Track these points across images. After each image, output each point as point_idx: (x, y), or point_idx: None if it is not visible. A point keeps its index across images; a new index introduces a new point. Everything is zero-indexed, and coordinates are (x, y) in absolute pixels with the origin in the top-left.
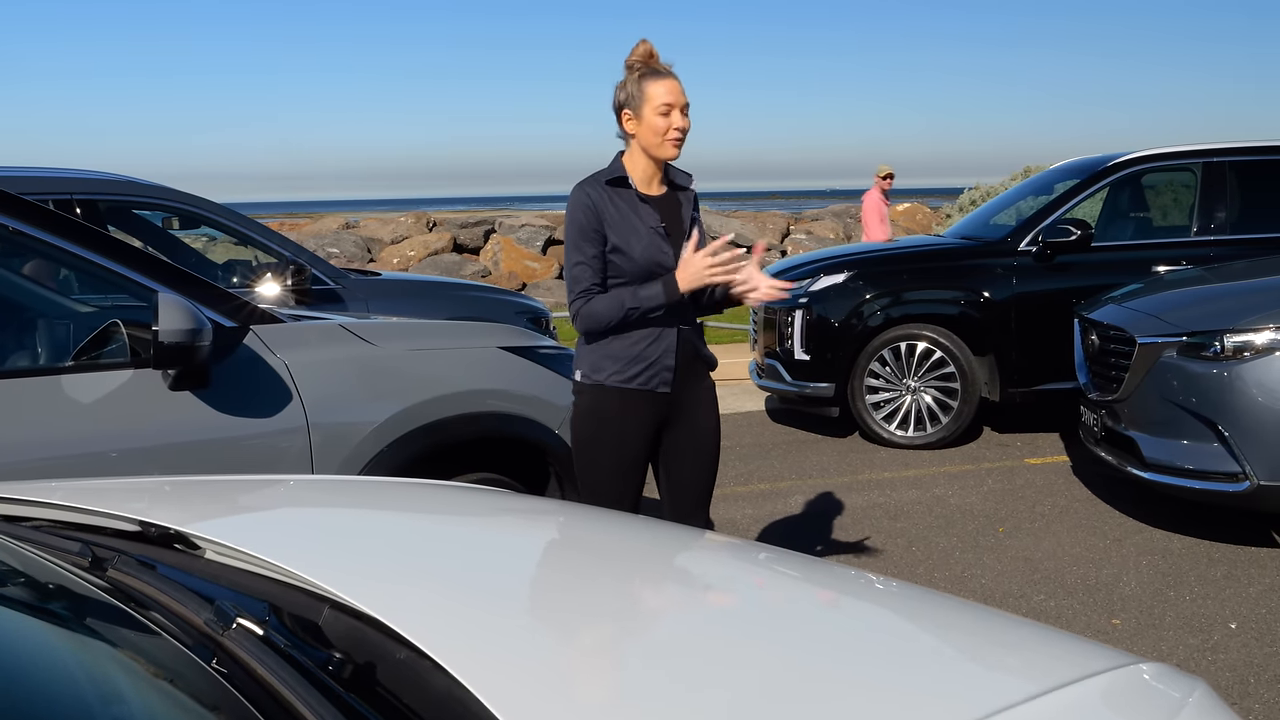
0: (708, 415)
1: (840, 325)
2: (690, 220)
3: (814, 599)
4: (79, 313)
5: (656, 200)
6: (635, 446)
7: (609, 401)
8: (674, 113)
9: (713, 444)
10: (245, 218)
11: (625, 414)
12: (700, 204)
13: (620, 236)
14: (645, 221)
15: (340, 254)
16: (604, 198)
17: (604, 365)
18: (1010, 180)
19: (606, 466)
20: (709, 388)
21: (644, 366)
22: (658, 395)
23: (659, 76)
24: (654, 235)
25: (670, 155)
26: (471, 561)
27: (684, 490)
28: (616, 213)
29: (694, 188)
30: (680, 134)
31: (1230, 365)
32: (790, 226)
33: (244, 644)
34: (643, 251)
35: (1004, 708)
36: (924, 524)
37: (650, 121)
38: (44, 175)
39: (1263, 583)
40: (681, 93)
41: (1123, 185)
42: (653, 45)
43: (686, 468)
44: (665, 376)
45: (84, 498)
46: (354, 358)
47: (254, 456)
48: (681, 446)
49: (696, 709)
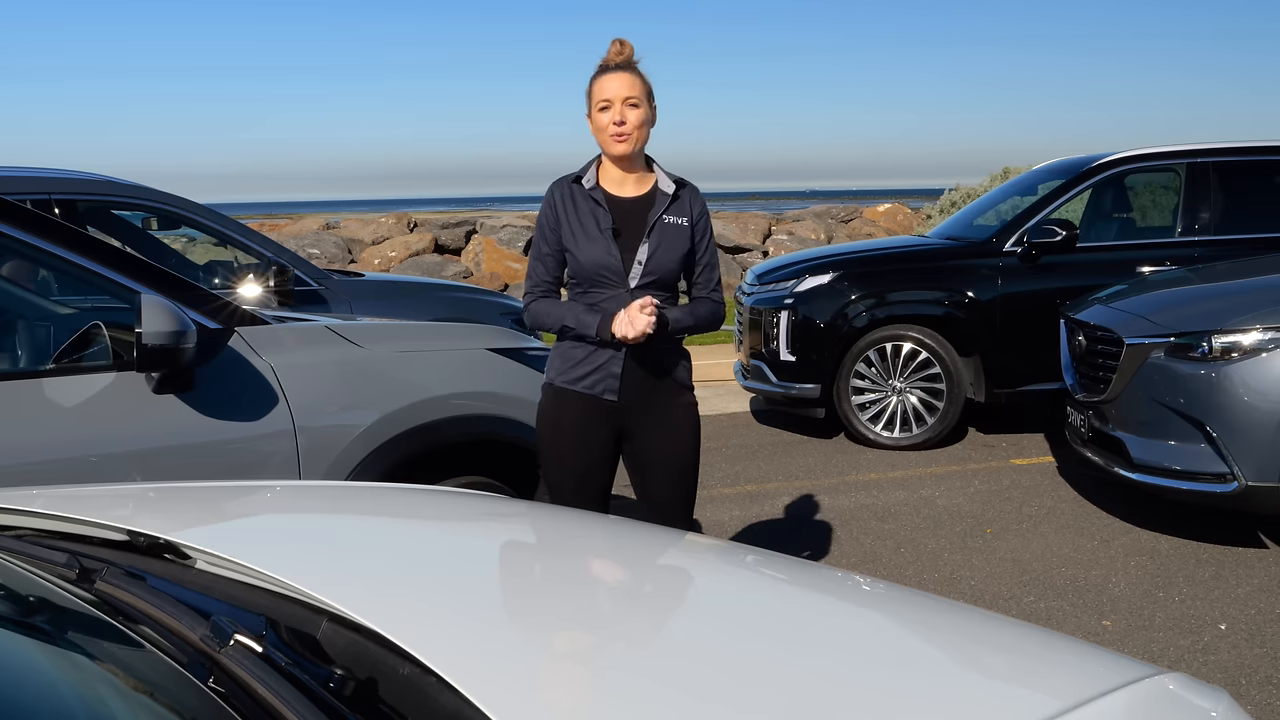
0: (678, 432)
1: (826, 326)
2: (653, 225)
3: (812, 603)
4: (59, 314)
5: (622, 201)
6: (587, 452)
7: (559, 403)
8: (612, 108)
9: (679, 464)
10: (226, 218)
11: (574, 417)
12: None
13: (571, 236)
14: (599, 223)
15: (321, 255)
16: (565, 197)
17: (556, 364)
18: (990, 181)
19: (563, 468)
20: (683, 405)
21: (589, 370)
22: (604, 402)
23: (603, 73)
24: (604, 238)
25: (616, 151)
26: (469, 570)
27: (655, 505)
28: (575, 212)
29: (667, 190)
30: (619, 128)
31: (1218, 366)
32: (772, 227)
33: (242, 661)
34: (589, 253)
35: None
36: (912, 525)
37: (594, 119)
38: (22, 175)
39: (1251, 583)
40: (624, 86)
41: (1106, 186)
42: (622, 42)
43: (652, 484)
44: (610, 384)
45: (68, 505)
46: (340, 360)
47: (240, 460)
48: (646, 462)
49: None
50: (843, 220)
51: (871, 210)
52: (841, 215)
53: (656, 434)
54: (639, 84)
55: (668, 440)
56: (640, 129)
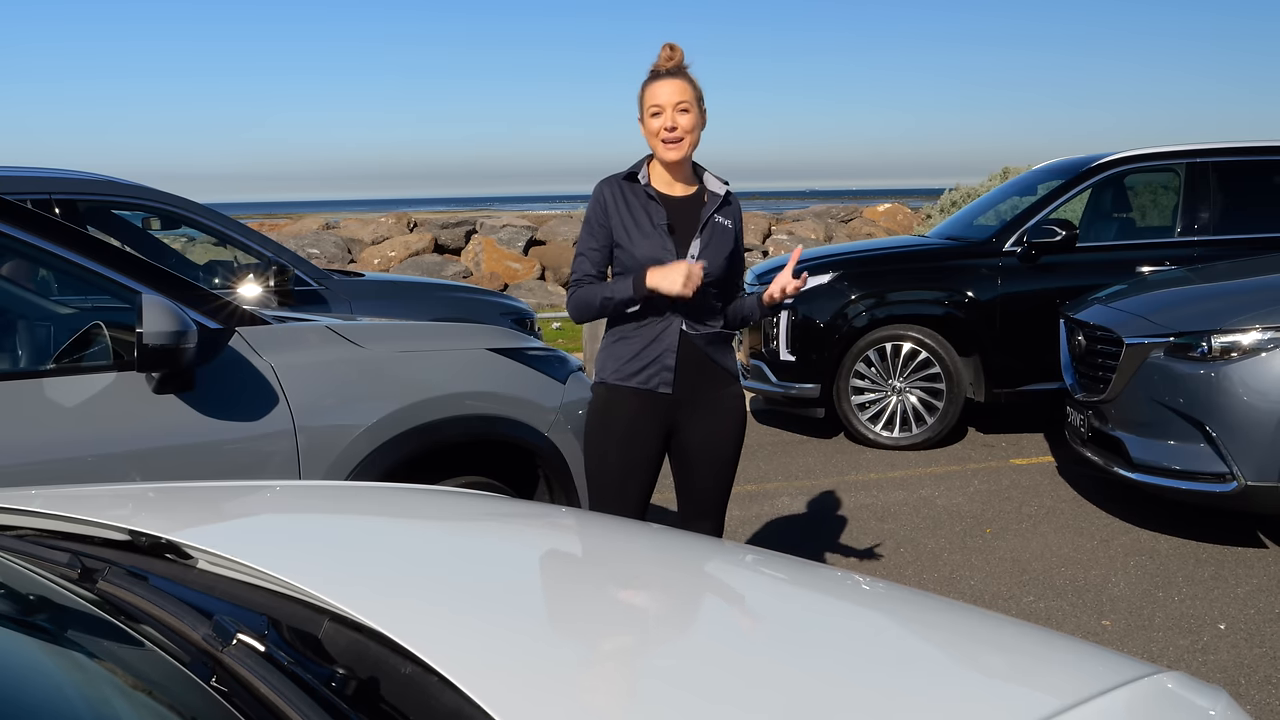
0: (723, 424)
1: (825, 326)
2: (705, 222)
3: (812, 603)
4: (60, 314)
5: (672, 200)
6: (638, 447)
7: (613, 400)
8: (664, 114)
9: (725, 454)
10: (226, 218)
11: (627, 413)
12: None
13: (624, 232)
14: (652, 218)
15: (321, 255)
16: (617, 194)
17: (608, 364)
18: (990, 181)
19: (610, 465)
20: (732, 395)
21: (643, 366)
22: (659, 396)
23: (654, 79)
24: (658, 233)
25: (668, 157)
26: (470, 570)
27: (694, 496)
28: (626, 209)
29: (718, 191)
30: (670, 134)
31: (1218, 365)
32: (771, 227)
33: (245, 661)
34: (644, 248)
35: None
36: (911, 525)
37: (646, 124)
38: (22, 175)
39: (1250, 583)
40: (675, 92)
41: (1106, 186)
42: (673, 47)
43: (696, 474)
44: (665, 377)
45: (68, 505)
46: (341, 360)
47: (240, 460)
48: (693, 453)
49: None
50: (843, 220)
51: (871, 210)
52: (841, 215)
53: (705, 424)
54: (689, 89)
55: (714, 431)
56: (691, 133)
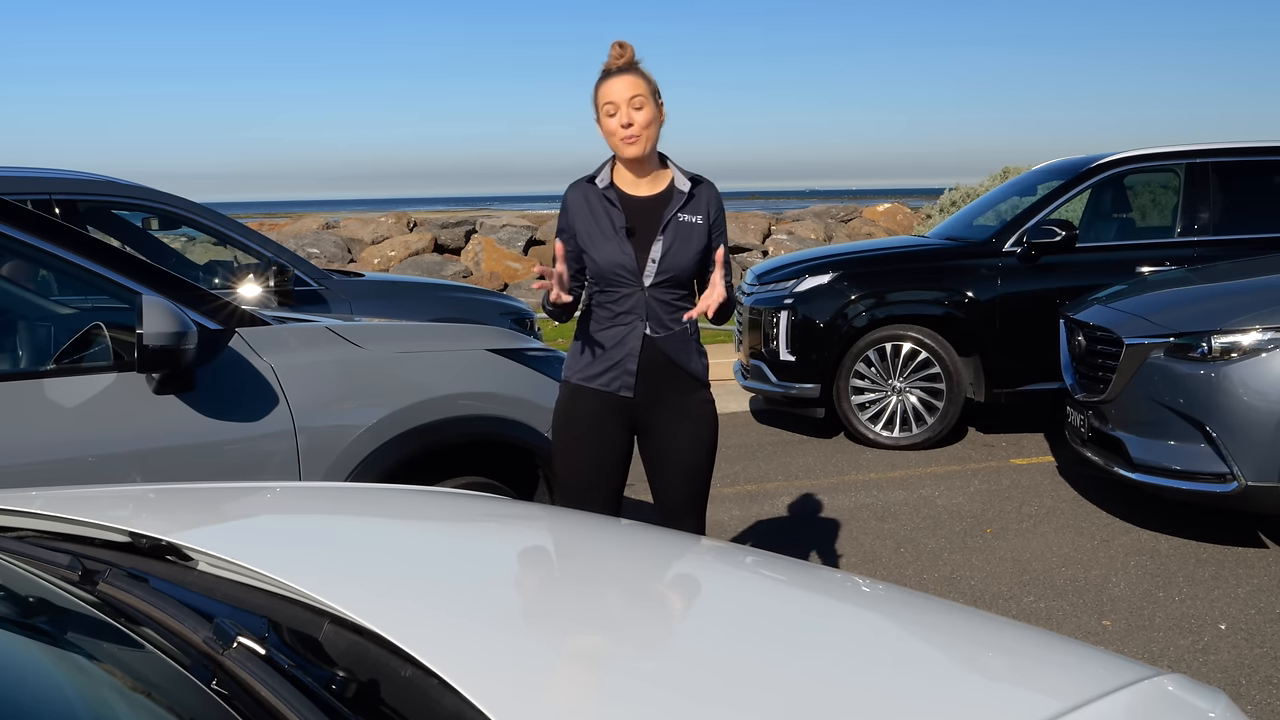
0: (690, 431)
1: (825, 326)
2: (667, 223)
3: (812, 604)
4: (59, 315)
5: (636, 200)
6: (601, 448)
7: (576, 399)
8: (620, 111)
9: (696, 462)
10: (226, 218)
11: (589, 414)
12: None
13: (586, 237)
14: (614, 222)
15: (320, 254)
16: (580, 197)
17: (573, 364)
18: (990, 181)
19: (576, 464)
20: (699, 402)
21: (606, 368)
22: (621, 399)
23: (606, 78)
24: (618, 237)
25: (627, 154)
26: (470, 572)
27: (666, 502)
28: (589, 213)
29: (683, 188)
30: (627, 130)
31: (1218, 366)
32: (771, 227)
33: (245, 664)
34: (605, 251)
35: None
36: (911, 525)
37: (603, 124)
38: (22, 175)
39: (1251, 583)
40: (628, 88)
41: (1106, 186)
42: (622, 44)
43: (667, 483)
44: (626, 380)
45: (68, 506)
46: (341, 360)
47: (240, 461)
48: (660, 459)
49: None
50: (842, 220)
51: (871, 210)
52: (841, 215)
53: (671, 431)
54: (643, 84)
55: (681, 439)
56: (648, 128)
